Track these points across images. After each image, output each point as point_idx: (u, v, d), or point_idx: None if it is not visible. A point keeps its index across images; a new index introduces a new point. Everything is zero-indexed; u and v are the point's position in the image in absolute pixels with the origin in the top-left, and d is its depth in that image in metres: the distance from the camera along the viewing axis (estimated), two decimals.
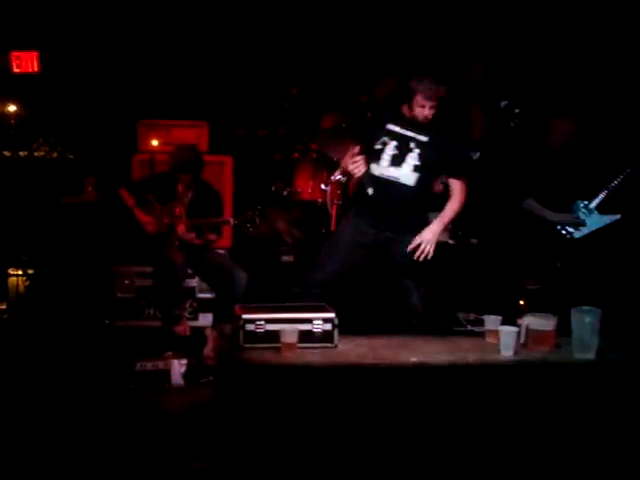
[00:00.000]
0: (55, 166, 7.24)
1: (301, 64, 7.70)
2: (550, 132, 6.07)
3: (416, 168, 5.11)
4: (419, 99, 4.98)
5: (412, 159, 5.11)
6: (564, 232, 5.86)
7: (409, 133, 5.10)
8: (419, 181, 5.13)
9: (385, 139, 5.10)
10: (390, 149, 5.09)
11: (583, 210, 5.87)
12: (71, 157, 7.36)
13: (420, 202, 5.19)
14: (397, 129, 5.11)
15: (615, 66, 6.82)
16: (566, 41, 7.06)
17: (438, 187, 5.71)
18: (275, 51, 7.65)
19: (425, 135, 5.12)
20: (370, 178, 5.06)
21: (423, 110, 5.00)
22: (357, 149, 5.01)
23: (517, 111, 5.91)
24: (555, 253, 5.82)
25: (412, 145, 5.11)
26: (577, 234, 5.85)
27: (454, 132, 5.27)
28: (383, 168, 5.10)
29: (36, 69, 7.23)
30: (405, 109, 5.13)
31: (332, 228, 6.62)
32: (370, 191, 5.02)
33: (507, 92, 6.59)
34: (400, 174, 5.11)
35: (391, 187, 5.10)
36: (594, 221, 5.86)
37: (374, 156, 5.11)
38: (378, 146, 5.11)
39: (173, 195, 6.00)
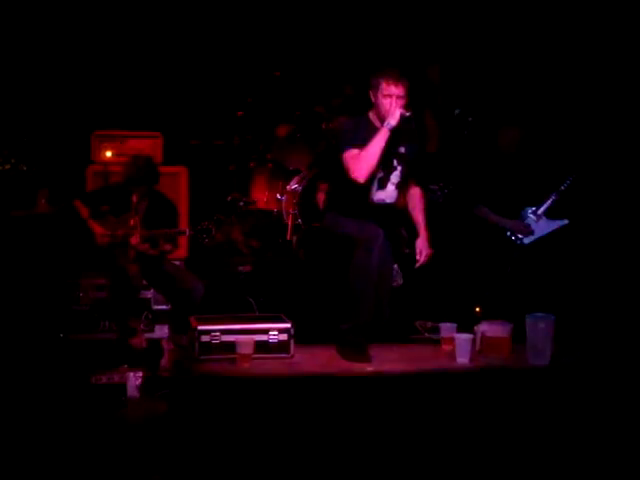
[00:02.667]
0: (7, 178, 7.14)
1: (255, 73, 7.69)
2: (499, 140, 6.13)
3: (397, 185, 5.10)
4: (384, 87, 4.86)
5: (395, 177, 5.07)
6: (514, 238, 5.92)
7: (390, 150, 4.97)
8: (397, 197, 5.13)
9: None
10: (377, 172, 4.98)
11: (532, 216, 5.93)
12: (24, 169, 7.27)
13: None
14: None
15: (562, 71, 6.90)
16: (518, 48, 7.13)
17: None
18: (229, 60, 7.63)
19: (401, 146, 5.06)
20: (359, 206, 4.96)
21: (390, 101, 4.84)
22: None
23: (470, 119, 5.95)
24: (506, 259, 5.87)
25: (395, 162, 5.05)
26: (526, 240, 5.91)
27: (418, 134, 5.24)
28: (372, 193, 5.01)
29: None
30: (375, 119, 5.02)
31: (288, 237, 6.62)
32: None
33: (460, 100, 6.64)
34: (385, 196, 5.07)
35: (378, 210, 5.04)
36: (543, 227, 5.92)
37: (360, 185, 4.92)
38: None
39: (127, 206, 5.94)
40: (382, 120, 4.92)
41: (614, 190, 6.38)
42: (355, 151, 4.87)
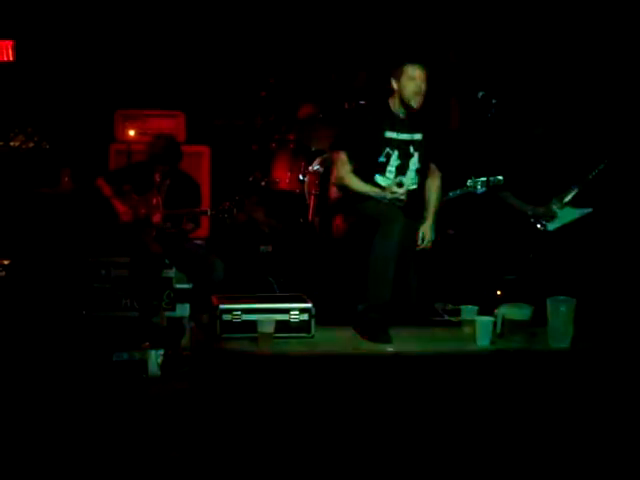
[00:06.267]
0: (31, 156, 7.18)
1: (279, 53, 7.67)
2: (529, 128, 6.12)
3: (418, 171, 5.10)
4: (409, 70, 4.92)
5: (414, 164, 5.07)
6: (538, 224, 5.90)
7: (406, 136, 5.03)
8: (420, 182, 5.12)
9: (387, 150, 4.99)
10: (394, 160, 5.01)
11: (556, 203, 5.91)
12: (47, 147, 7.30)
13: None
14: (395, 135, 5.02)
15: (591, 60, 6.85)
16: (544, 32, 7.07)
17: None
18: (252, 40, 7.62)
19: (418, 132, 5.07)
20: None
21: (415, 83, 4.91)
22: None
23: (494, 102, 5.92)
24: (528, 245, 5.86)
25: (412, 149, 5.06)
26: (550, 226, 5.89)
27: (435, 122, 5.25)
28: (390, 179, 5.01)
29: (11, 58, 7.17)
30: (394, 104, 5.05)
31: (309, 218, 6.62)
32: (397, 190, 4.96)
33: (484, 83, 6.60)
34: (405, 181, 5.06)
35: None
36: (567, 214, 5.90)
37: (378, 168, 5.00)
38: (382, 159, 5.00)
39: (150, 185, 5.97)
40: (406, 103, 4.96)
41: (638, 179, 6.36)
42: (345, 158, 4.98)
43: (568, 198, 5.92)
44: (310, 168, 6.73)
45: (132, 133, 7.01)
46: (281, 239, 6.84)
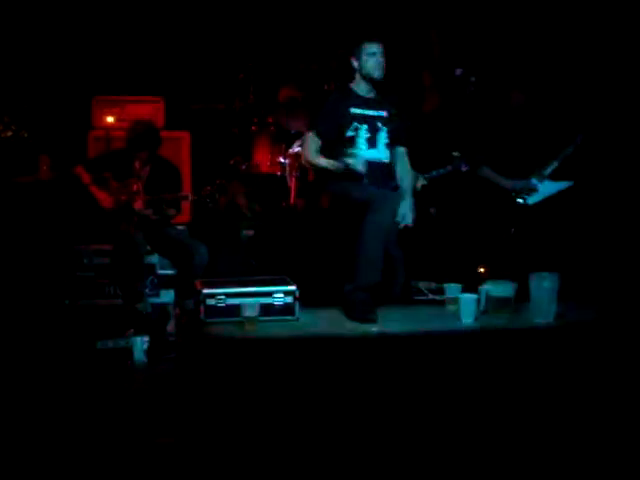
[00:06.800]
0: (9, 145, 7.13)
1: (256, 36, 7.63)
2: (510, 100, 6.12)
3: (387, 145, 5.23)
4: (367, 47, 5.12)
5: (382, 138, 5.21)
6: (518, 199, 5.91)
7: (372, 113, 5.20)
8: (390, 156, 5.25)
9: (355, 124, 5.15)
10: (363, 133, 5.16)
11: (536, 177, 5.92)
12: (26, 135, 7.25)
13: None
14: (361, 112, 5.18)
15: (567, 33, 6.84)
16: (521, 8, 7.06)
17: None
18: (230, 23, 7.58)
19: (383, 110, 5.24)
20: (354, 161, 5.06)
21: (374, 58, 5.10)
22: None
23: (473, 79, 5.92)
24: (510, 219, 5.88)
25: (379, 124, 5.21)
26: (531, 200, 5.91)
27: (400, 102, 5.39)
28: (362, 152, 5.12)
29: None
30: (358, 83, 5.23)
31: (291, 201, 6.61)
32: (362, 169, 5.02)
33: (462, 60, 6.60)
34: (378, 154, 5.20)
35: (375, 168, 5.14)
36: (547, 187, 5.92)
37: (348, 143, 5.12)
38: (350, 133, 5.14)
39: (130, 172, 5.94)
40: (369, 78, 5.17)
41: (619, 151, 6.37)
42: (311, 137, 5.19)
43: (548, 171, 5.94)
44: (290, 150, 6.73)
45: (110, 120, 6.97)
46: (263, 222, 6.83)
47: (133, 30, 7.44)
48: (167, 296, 6.24)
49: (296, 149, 6.61)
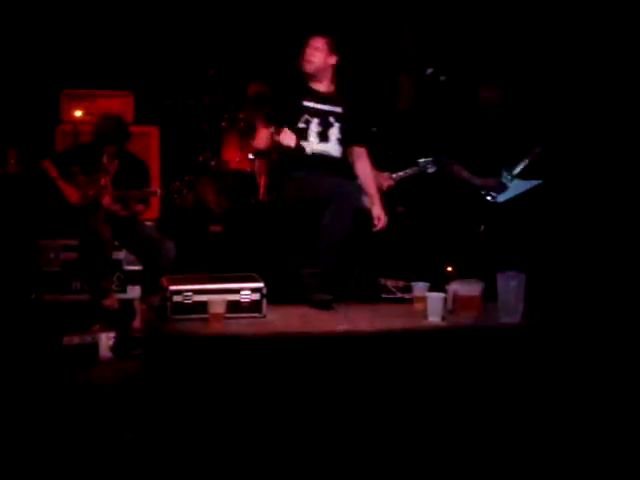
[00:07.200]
0: None
1: (227, 31, 7.61)
2: (479, 98, 6.14)
3: (339, 141, 5.22)
4: (308, 41, 5.17)
5: (334, 133, 5.21)
6: (488, 196, 5.94)
7: (326, 107, 5.21)
8: (342, 152, 5.25)
9: (306, 117, 5.16)
10: (314, 126, 5.16)
11: (506, 175, 5.95)
12: None
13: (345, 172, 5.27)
14: (313, 105, 5.19)
15: (537, 31, 6.88)
16: (490, 6, 7.10)
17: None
18: (200, 18, 7.55)
19: (338, 106, 5.24)
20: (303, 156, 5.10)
21: (307, 51, 5.15)
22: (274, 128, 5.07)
23: (443, 79, 5.93)
24: (479, 217, 5.90)
25: (332, 119, 5.21)
26: (500, 198, 5.93)
27: (356, 100, 5.40)
28: (313, 145, 5.14)
29: None
30: (310, 80, 5.23)
31: (260, 197, 6.59)
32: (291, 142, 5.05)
33: (433, 59, 6.61)
34: (329, 148, 5.20)
35: (324, 162, 5.16)
36: (516, 186, 5.95)
37: (299, 135, 5.12)
38: (302, 125, 5.15)
39: (98, 166, 5.90)
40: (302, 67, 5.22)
41: (588, 150, 6.41)
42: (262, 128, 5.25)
43: (518, 170, 5.96)
44: None
45: (79, 113, 6.92)
46: (231, 219, 6.81)
47: (104, 23, 7.39)
48: (133, 292, 6.21)
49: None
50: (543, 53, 6.81)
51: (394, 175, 5.85)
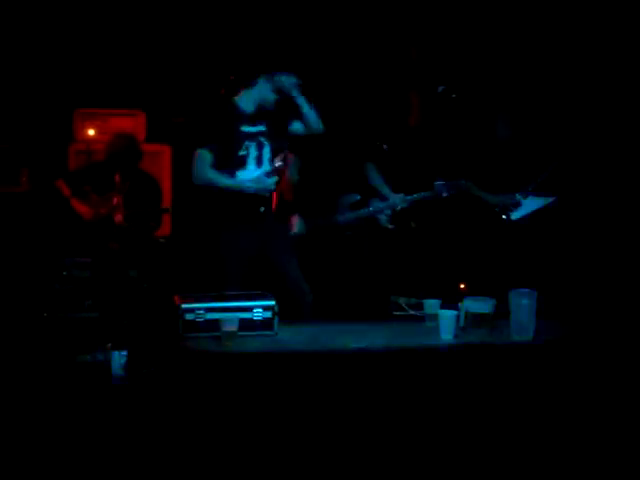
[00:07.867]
0: None
1: (238, 50, 7.63)
2: (496, 123, 6.15)
3: (270, 160, 5.19)
4: None
5: (266, 153, 5.17)
6: (502, 215, 5.93)
7: (254, 129, 5.13)
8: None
9: (246, 143, 5.10)
10: (253, 151, 5.11)
11: (519, 193, 5.94)
12: (6, 147, 7.22)
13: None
14: (249, 129, 5.12)
15: (551, 53, 6.89)
16: (503, 27, 7.11)
17: None
18: (211, 37, 7.58)
19: (261, 124, 5.17)
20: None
21: None
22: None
23: (454, 96, 5.95)
24: (492, 235, 5.89)
25: (262, 139, 5.16)
26: (514, 216, 5.92)
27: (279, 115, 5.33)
28: (251, 172, 5.11)
29: None
30: (240, 98, 5.22)
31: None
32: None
33: (444, 77, 6.63)
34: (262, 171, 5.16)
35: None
36: (530, 203, 5.93)
37: (238, 163, 5.09)
38: (242, 152, 5.10)
39: (110, 185, 5.94)
40: None
41: (602, 169, 6.40)
42: (208, 154, 5.06)
43: (532, 187, 5.95)
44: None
45: (92, 133, 6.96)
46: None
47: (116, 43, 7.43)
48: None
49: (278, 163, 6.59)
50: (554, 68, 6.81)
51: (407, 198, 5.84)
